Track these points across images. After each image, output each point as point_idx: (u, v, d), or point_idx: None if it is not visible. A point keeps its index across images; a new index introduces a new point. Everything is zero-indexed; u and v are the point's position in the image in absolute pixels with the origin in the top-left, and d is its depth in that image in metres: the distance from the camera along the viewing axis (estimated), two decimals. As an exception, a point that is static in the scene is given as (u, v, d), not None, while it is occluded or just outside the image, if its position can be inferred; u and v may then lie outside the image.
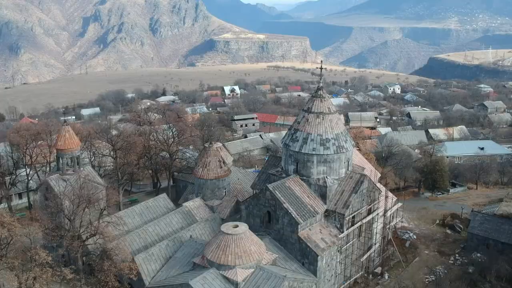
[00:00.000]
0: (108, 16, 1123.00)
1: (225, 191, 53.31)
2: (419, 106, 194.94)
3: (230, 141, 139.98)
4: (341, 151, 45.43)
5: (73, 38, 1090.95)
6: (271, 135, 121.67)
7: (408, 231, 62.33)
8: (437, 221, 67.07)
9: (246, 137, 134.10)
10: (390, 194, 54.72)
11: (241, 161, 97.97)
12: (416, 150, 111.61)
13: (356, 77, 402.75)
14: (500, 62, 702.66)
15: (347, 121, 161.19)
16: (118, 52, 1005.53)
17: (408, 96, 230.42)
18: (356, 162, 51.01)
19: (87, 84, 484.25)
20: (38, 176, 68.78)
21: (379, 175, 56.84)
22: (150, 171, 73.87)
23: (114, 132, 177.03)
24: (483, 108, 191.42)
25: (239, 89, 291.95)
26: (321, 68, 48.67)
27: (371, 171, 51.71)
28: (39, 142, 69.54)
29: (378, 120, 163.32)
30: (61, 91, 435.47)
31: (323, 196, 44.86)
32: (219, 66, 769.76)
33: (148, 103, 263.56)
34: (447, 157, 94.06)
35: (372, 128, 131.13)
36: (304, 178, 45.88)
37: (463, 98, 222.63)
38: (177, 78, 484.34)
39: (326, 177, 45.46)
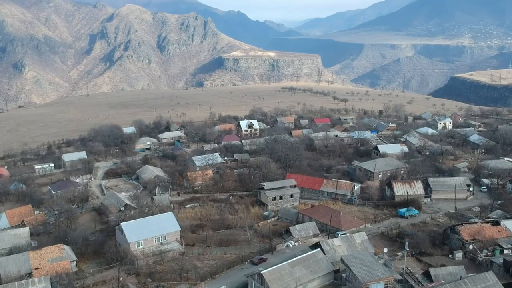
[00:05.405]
0: (115, 33, 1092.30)
1: None
2: (505, 159, 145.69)
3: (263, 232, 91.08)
4: None
5: (79, 56, 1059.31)
6: (337, 243, 72.61)
7: None
8: None
9: (287, 231, 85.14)
10: None
11: None
12: None
13: (386, 103, 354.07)
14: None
15: (426, 190, 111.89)
16: (124, 71, 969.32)
17: (475, 138, 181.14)
18: None
19: (86, 109, 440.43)
20: None
21: None
22: None
23: (97, 199, 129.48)
24: None
25: (257, 122, 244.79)
26: None
27: None
28: None
29: (471, 190, 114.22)
30: (55, 118, 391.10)
31: None
32: (229, 87, 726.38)
33: (148, 142, 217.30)
34: None
35: (494, 222, 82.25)
36: None
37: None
38: (184, 102, 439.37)
39: None
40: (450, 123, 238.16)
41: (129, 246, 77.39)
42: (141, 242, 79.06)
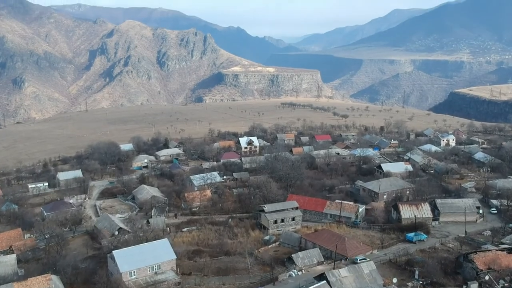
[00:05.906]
0: (115, 49, 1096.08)
1: None
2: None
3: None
4: None
5: (78, 71, 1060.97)
6: (344, 274, 67.68)
7: None
8: None
9: (289, 258, 79.87)
10: None
11: None
12: None
13: (387, 119, 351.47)
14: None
15: (434, 212, 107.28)
16: (124, 86, 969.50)
17: (480, 156, 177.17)
18: None
19: (84, 125, 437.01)
20: None
21: None
22: None
23: (87, 224, 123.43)
24: None
25: (257, 138, 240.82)
26: None
27: None
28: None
29: (481, 212, 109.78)
30: (53, 134, 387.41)
31: None
32: (229, 103, 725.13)
33: (146, 160, 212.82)
34: None
35: (510, 250, 77.93)
36: None
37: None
38: (183, 118, 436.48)
39: None
40: (453, 140, 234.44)
41: (121, 276, 72.43)
42: (134, 272, 74.12)
